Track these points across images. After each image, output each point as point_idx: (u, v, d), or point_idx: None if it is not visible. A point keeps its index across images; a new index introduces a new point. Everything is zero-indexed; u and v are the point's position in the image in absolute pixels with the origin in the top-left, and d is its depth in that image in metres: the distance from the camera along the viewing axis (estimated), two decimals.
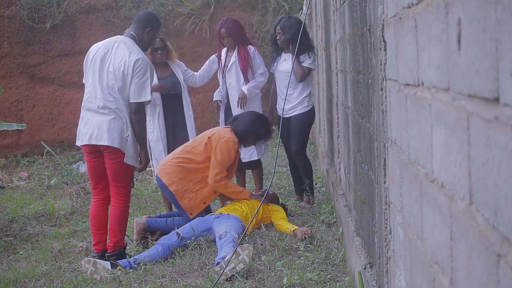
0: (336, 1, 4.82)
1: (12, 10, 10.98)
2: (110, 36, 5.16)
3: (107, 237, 5.07)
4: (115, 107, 4.74)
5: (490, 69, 1.08)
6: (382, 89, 2.43)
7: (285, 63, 6.31)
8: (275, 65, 6.40)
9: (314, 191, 6.76)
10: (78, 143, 4.96)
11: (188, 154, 5.60)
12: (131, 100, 4.74)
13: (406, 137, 1.94)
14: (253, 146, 6.36)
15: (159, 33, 5.12)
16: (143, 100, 4.74)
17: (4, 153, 10.81)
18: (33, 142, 11.01)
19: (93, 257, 4.95)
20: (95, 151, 4.85)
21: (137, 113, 4.76)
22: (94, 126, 4.77)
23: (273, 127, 6.67)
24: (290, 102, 6.29)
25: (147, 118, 6.06)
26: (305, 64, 6.16)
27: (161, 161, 5.78)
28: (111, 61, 4.77)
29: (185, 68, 6.55)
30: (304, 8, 9.08)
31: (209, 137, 5.61)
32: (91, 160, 4.93)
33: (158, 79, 6.42)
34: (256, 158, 6.46)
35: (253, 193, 5.80)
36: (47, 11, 11.00)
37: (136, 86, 4.71)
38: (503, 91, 1.02)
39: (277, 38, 6.26)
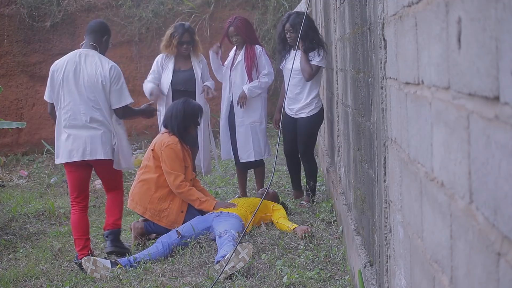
0: (336, 0, 4.82)
1: (12, 9, 10.98)
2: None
3: (106, 226, 5.27)
4: (102, 119, 4.91)
5: (490, 67, 1.08)
6: (382, 87, 2.43)
7: (294, 60, 6.23)
8: (283, 62, 6.32)
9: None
10: (64, 160, 4.98)
11: (144, 175, 5.54)
12: (114, 107, 4.95)
13: (406, 136, 1.94)
14: (251, 146, 6.33)
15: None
16: (124, 104, 4.97)
17: (4, 151, 10.81)
18: (33, 140, 11.01)
19: (76, 263, 4.98)
20: (81, 163, 4.98)
21: (124, 114, 5.05)
22: (86, 142, 4.90)
23: (278, 125, 6.64)
24: (298, 102, 6.17)
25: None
26: (314, 62, 6.02)
27: (130, 192, 5.72)
28: (84, 74, 4.90)
29: (207, 76, 6.47)
30: (304, 6, 9.08)
31: (152, 149, 5.51)
32: (75, 172, 5.04)
33: (175, 71, 6.35)
34: (254, 159, 6.43)
35: (219, 202, 5.60)
36: (47, 9, 11.00)
37: (115, 92, 4.93)
38: (503, 90, 1.02)
39: (288, 36, 6.14)
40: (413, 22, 1.75)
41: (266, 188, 5.60)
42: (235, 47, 6.50)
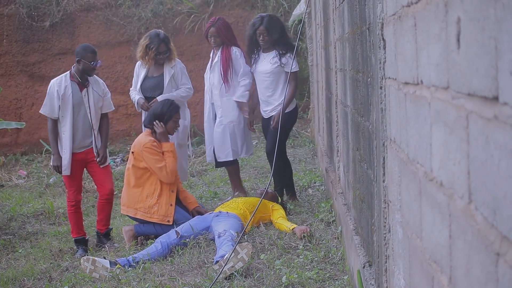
0: (335, 0, 4.82)
1: (12, 8, 10.97)
2: (109, 35, 5.39)
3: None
4: None
5: (489, 67, 1.08)
6: (381, 87, 2.43)
7: (264, 63, 6.17)
8: (254, 66, 6.27)
9: (313, 190, 6.75)
10: None
11: (129, 178, 5.66)
12: None
13: (405, 136, 1.94)
14: (229, 145, 6.31)
15: (90, 59, 5.68)
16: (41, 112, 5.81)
17: (3, 151, 10.80)
18: (32, 140, 11.00)
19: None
20: None
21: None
22: None
23: (253, 127, 6.61)
24: (271, 104, 6.18)
25: None
26: (289, 70, 6.01)
27: (121, 198, 5.85)
28: None
29: (181, 82, 6.38)
30: (304, 6, 9.08)
31: (132, 152, 5.67)
32: None
33: (146, 77, 6.38)
34: (231, 159, 6.43)
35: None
36: (47, 9, 10.99)
37: None
38: (502, 90, 1.02)
39: (261, 39, 6.12)
40: (412, 22, 1.74)
41: (265, 188, 5.60)
42: (213, 50, 6.49)
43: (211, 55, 6.55)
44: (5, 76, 11.01)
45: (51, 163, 5.72)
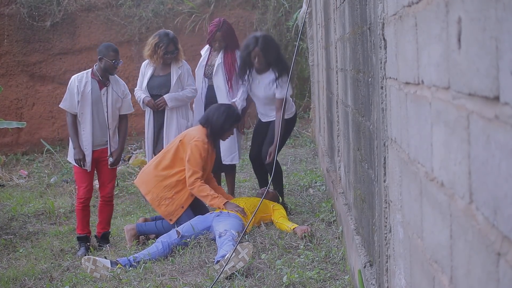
0: (336, 0, 4.82)
1: (12, 8, 10.98)
2: (110, 35, 5.38)
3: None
4: None
5: (490, 67, 1.08)
6: (382, 87, 2.43)
7: (259, 87, 6.03)
8: (249, 87, 6.11)
9: (314, 189, 6.75)
10: None
11: (162, 159, 5.63)
12: None
13: (406, 136, 1.94)
14: (236, 149, 6.30)
15: (112, 57, 5.70)
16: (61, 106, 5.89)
17: (4, 151, 10.81)
18: (33, 140, 11.01)
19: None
20: None
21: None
22: None
23: (243, 130, 6.58)
24: (270, 117, 6.13)
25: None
26: (282, 95, 5.86)
27: (142, 169, 5.85)
28: None
29: (187, 83, 6.33)
30: (304, 6, 9.08)
31: (180, 140, 5.60)
32: None
33: (153, 76, 6.33)
34: (237, 162, 6.42)
35: (230, 202, 5.49)
36: (47, 9, 11.00)
37: None
38: (503, 90, 1.02)
39: (256, 61, 5.86)
40: (413, 22, 1.75)
41: (266, 188, 5.60)
42: (206, 47, 6.43)
43: (202, 52, 6.48)
44: (6, 76, 11.02)
45: (74, 157, 5.64)
